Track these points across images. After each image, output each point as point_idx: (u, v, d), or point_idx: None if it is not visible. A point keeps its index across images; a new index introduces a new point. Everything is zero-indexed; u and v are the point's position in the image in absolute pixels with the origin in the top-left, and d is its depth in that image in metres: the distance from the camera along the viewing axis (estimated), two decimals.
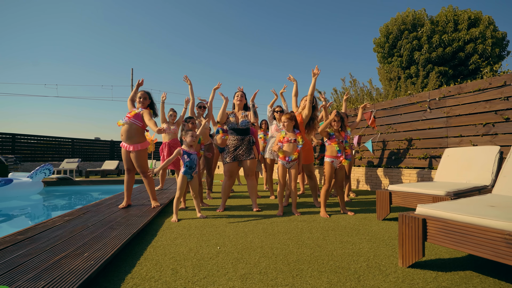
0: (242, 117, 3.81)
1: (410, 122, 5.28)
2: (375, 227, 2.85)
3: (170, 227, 2.91)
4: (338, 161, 3.45)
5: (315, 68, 3.74)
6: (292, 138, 3.49)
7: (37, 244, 2.07)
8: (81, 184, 8.42)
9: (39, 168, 6.58)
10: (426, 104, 5.00)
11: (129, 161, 3.65)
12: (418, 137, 5.11)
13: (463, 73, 14.29)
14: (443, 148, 4.69)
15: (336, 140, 3.45)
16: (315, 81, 3.78)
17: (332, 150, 3.44)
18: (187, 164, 3.29)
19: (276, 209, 3.83)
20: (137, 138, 3.58)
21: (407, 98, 5.36)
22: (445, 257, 2.00)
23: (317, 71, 3.74)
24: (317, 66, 3.75)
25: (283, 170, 3.49)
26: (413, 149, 5.20)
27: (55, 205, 5.85)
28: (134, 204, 3.90)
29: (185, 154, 3.31)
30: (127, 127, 3.54)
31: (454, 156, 3.77)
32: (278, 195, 3.54)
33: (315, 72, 3.74)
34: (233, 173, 3.81)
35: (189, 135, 3.34)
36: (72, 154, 14.01)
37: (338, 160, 3.44)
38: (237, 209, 3.90)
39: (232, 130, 3.80)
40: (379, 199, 3.15)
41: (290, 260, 1.96)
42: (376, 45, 16.62)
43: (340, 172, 3.48)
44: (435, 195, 2.64)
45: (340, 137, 3.50)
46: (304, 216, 3.39)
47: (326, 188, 3.44)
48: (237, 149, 3.74)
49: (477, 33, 13.72)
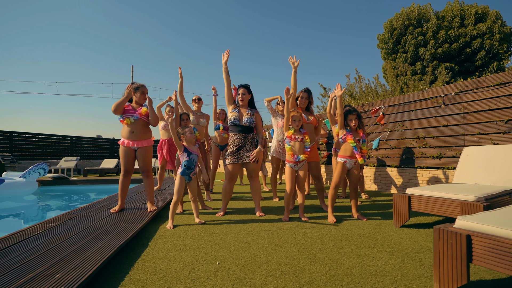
0: (248, 115, 3.43)
1: (422, 119, 4.96)
2: (393, 236, 2.54)
3: (164, 235, 2.61)
4: (353, 161, 3.15)
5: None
6: (300, 137, 3.19)
7: (6, 260, 1.77)
8: (77, 184, 8.13)
9: (33, 168, 6.29)
10: (441, 100, 4.67)
11: (131, 161, 3.42)
12: (431, 135, 4.79)
13: (469, 69, 13.94)
14: (460, 147, 4.38)
15: (352, 136, 3.15)
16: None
17: (347, 148, 3.15)
18: (185, 164, 2.99)
19: (280, 212, 3.53)
20: (147, 134, 3.48)
21: (419, 93, 5.03)
22: (487, 278, 1.69)
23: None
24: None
25: (291, 173, 3.18)
26: (425, 148, 4.88)
27: (48, 206, 5.56)
28: (128, 207, 3.60)
29: (185, 152, 3.01)
30: (137, 123, 3.38)
31: (474, 155, 3.46)
32: (285, 199, 3.23)
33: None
34: (234, 176, 3.47)
35: (189, 132, 3.05)
36: (71, 152, 13.74)
37: (353, 160, 3.14)
38: (239, 212, 3.60)
39: (233, 127, 3.45)
40: (396, 203, 2.84)
41: (302, 280, 1.66)
42: (380, 41, 16.26)
43: (355, 173, 3.18)
44: (464, 201, 2.33)
45: (357, 135, 3.20)
46: (312, 221, 3.09)
47: (334, 192, 3.12)
48: (241, 149, 3.42)
49: (484, 28, 13.35)
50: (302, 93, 3.88)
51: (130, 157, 3.40)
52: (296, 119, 3.21)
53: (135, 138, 3.37)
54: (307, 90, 3.91)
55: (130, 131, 3.34)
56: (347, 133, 3.18)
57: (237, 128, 3.43)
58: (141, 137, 3.42)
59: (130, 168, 3.44)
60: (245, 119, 3.41)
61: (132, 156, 3.42)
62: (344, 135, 3.19)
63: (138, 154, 3.43)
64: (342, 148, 3.20)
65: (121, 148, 3.38)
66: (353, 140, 3.12)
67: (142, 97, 3.44)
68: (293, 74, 3.60)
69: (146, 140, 3.47)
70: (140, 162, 3.45)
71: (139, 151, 3.42)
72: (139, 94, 3.43)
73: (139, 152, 3.42)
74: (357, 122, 3.22)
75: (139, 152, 3.42)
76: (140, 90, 3.43)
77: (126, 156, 3.37)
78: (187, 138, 3.02)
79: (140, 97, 3.43)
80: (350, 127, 3.22)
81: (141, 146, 3.42)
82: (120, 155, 3.39)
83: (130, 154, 3.40)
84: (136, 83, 3.47)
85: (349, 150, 3.14)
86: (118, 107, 3.28)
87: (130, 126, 3.34)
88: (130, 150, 3.38)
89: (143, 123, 3.43)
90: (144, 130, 3.45)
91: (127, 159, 3.38)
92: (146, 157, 3.47)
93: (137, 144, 3.39)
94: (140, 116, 3.39)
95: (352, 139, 3.13)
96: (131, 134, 3.35)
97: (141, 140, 3.42)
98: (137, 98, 3.44)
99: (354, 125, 3.20)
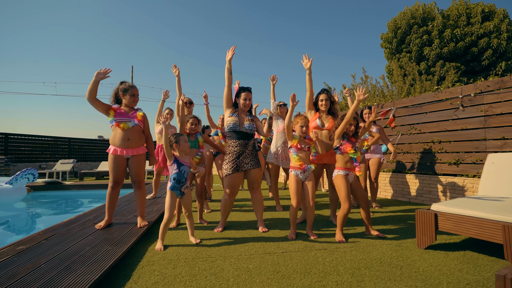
0: (249, 121, 3.08)
1: (437, 121, 4.59)
2: (420, 262, 2.17)
3: (152, 260, 2.24)
4: (353, 174, 2.79)
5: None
6: (306, 146, 2.83)
7: None
8: (71, 189, 7.77)
9: (20, 173, 5.93)
10: (458, 101, 4.30)
11: (123, 171, 3.06)
12: (448, 139, 4.42)
13: (475, 69, 13.57)
14: (481, 152, 4.00)
15: (351, 145, 2.78)
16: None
17: (346, 160, 2.77)
18: (174, 177, 2.62)
19: (286, 227, 3.16)
20: (141, 141, 3.14)
21: (434, 94, 4.67)
22: None
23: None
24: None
25: (297, 184, 2.81)
26: (441, 153, 4.51)
27: (37, 215, 5.19)
28: (116, 221, 3.24)
29: (175, 163, 2.64)
30: (133, 129, 3.04)
31: (501, 163, 3.09)
32: (291, 214, 2.86)
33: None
34: (235, 188, 3.08)
35: (183, 140, 2.68)
36: (69, 154, 13.38)
37: (353, 173, 2.79)
38: (239, 227, 3.23)
39: (232, 133, 3.08)
40: (420, 222, 2.47)
41: None
42: (383, 41, 15.89)
43: (359, 187, 2.81)
44: (508, 224, 1.96)
45: (352, 143, 2.84)
46: (322, 240, 2.72)
47: (345, 213, 2.70)
48: (241, 156, 3.05)
49: (491, 26, 12.97)
50: (320, 95, 3.41)
51: (122, 166, 3.04)
52: (304, 124, 2.84)
53: (130, 145, 3.02)
54: (325, 90, 3.44)
55: (125, 138, 2.98)
56: (345, 142, 2.81)
57: (236, 135, 3.06)
58: (136, 144, 3.07)
59: (121, 179, 3.08)
60: (246, 125, 3.06)
61: (123, 165, 3.05)
62: (341, 145, 2.82)
63: (131, 163, 3.07)
64: (340, 159, 2.82)
65: (111, 157, 3.01)
66: (353, 150, 2.76)
67: (132, 100, 3.07)
68: (307, 76, 3.31)
69: (141, 148, 3.14)
70: (133, 172, 3.08)
71: (133, 160, 3.07)
72: (128, 97, 3.06)
73: (133, 161, 3.07)
74: (355, 128, 2.87)
75: (132, 161, 3.07)
76: (129, 92, 3.06)
77: (117, 166, 3.00)
78: (181, 148, 2.66)
79: (130, 99, 3.07)
80: (347, 134, 2.86)
81: (135, 154, 3.06)
82: (110, 164, 3.02)
83: (122, 163, 3.03)
84: (125, 83, 3.10)
85: (350, 161, 2.79)
86: (90, 94, 2.83)
87: (125, 132, 2.98)
88: (122, 159, 3.02)
89: (138, 129, 3.09)
90: (140, 137, 3.12)
91: (118, 169, 3.02)
92: (140, 166, 3.12)
93: (131, 152, 3.04)
94: (138, 122, 3.05)
95: (352, 149, 2.77)
96: (126, 141, 2.99)
97: (136, 148, 3.08)
98: (127, 101, 3.08)
99: (352, 131, 2.85)
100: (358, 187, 2.81)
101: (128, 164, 3.08)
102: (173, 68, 3.50)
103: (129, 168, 3.10)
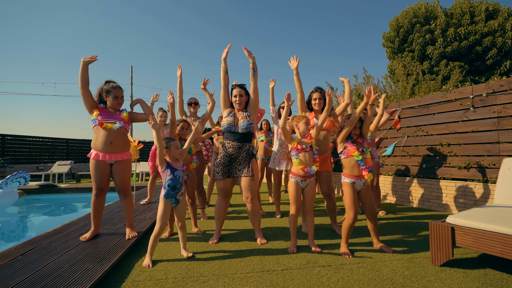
0: (244, 118, 2.85)
1: (446, 123, 4.35)
2: (437, 283, 1.93)
3: (136, 280, 2.01)
4: (363, 181, 2.54)
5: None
6: (307, 146, 2.59)
7: None
8: (66, 192, 7.55)
9: (11, 177, 5.72)
10: (469, 102, 4.07)
11: (107, 178, 2.83)
12: (458, 141, 4.18)
13: (480, 69, 13.31)
14: (494, 156, 3.77)
15: (356, 147, 2.55)
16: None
17: (353, 164, 2.52)
18: (169, 184, 2.40)
19: (286, 237, 2.93)
20: (126, 145, 2.90)
21: (442, 94, 4.43)
22: None
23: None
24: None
25: (296, 190, 2.58)
26: (451, 157, 4.27)
27: (28, 221, 4.97)
28: (104, 231, 3.01)
29: (168, 169, 2.42)
30: (118, 132, 2.79)
31: None
32: (291, 223, 2.62)
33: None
34: (228, 192, 2.93)
35: (174, 146, 2.46)
36: (67, 155, 13.18)
37: (362, 180, 2.53)
38: (236, 238, 3.00)
39: (228, 134, 2.86)
40: (435, 236, 2.23)
41: None
42: (385, 40, 15.65)
43: (368, 195, 2.56)
44: None
45: (359, 144, 2.60)
46: (326, 253, 2.48)
47: (350, 223, 2.46)
48: (232, 161, 2.85)
49: (496, 25, 12.72)
50: (313, 93, 3.18)
51: (105, 173, 2.80)
52: (307, 122, 2.62)
53: (114, 150, 2.78)
54: (318, 89, 3.22)
55: (108, 141, 2.74)
56: (350, 144, 2.57)
57: (232, 136, 2.84)
58: (121, 149, 2.83)
59: (105, 186, 2.85)
60: (241, 124, 2.82)
61: (107, 171, 2.82)
62: (345, 148, 2.57)
63: (115, 169, 2.82)
64: (346, 164, 2.57)
65: (93, 162, 2.77)
66: (358, 152, 2.51)
67: (115, 102, 2.83)
68: (295, 77, 3.10)
69: (126, 153, 2.89)
70: (118, 179, 2.84)
71: (117, 166, 2.82)
72: (111, 99, 2.82)
73: (117, 167, 2.82)
74: (360, 131, 2.65)
75: (116, 167, 2.82)
76: (112, 93, 2.81)
77: (99, 172, 2.77)
78: (171, 154, 2.43)
79: (113, 102, 2.82)
80: (351, 136, 2.62)
81: (120, 159, 2.83)
82: (92, 171, 2.79)
83: (105, 169, 2.80)
84: (109, 84, 2.86)
85: (356, 165, 2.52)
86: (82, 79, 2.72)
87: (108, 135, 2.74)
88: (105, 164, 2.79)
89: (123, 133, 2.85)
90: (124, 140, 2.87)
91: (102, 175, 2.78)
92: (125, 172, 2.87)
93: (115, 157, 2.80)
94: (124, 124, 2.82)
95: (357, 151, 2.52)
96: (109, 145, 2.75)
97: (120, 153, 2.83)
98: (110, 103, 2.85)
99: (357, 135, 2.62)
100: (367, 195, 2.56)
101: (112, 171, 2.84)
102: (178, 70, 3.41)
103: (112, 175, 2.85)
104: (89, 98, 2.77)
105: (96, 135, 2.78)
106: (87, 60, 2.70)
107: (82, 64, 2.69)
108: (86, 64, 2.71)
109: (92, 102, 2.80)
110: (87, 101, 2.77)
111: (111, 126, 2.73)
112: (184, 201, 2.55)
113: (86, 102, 2.78)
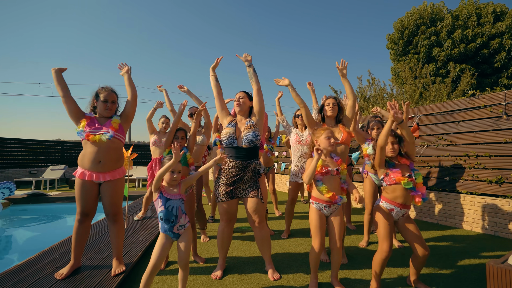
0: (248, 128, 2.38)
1: (473, 132, 3.93)
2: None
3: None
4: (403, 211, 2.07)
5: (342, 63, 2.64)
6: (334, 168, 2.15)
7: None
8: (55, 202, 7.08)
9: None
10: (501, 109, 3.65)
11: (94, 200, 2.37)
12: (487, 153, 3.75)
13: (487, 72, 12.97)
14: None
15: (400, 171, 2.09)
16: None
17: (397, 193, 2.06)
18: (161, 217, 1.95)
19: (302, 265, 2.48)
20: (119, 162, 2.42)
21: (468, 100, 4.01)
22: None
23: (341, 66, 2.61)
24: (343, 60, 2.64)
25: (320, 220, 2.13)
26: (478, 169, 3.85)
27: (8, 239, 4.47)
28: (87, 263, 2.54)
29: (160, 199, 1.97)
30: (107, 146, 2.31)
31: None
32: (312, 259, 2.17)
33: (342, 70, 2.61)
34: (233, 215, 2.48)
35: (166, 158, 2.03)
36: (62, 159, 12.63)
37: (402, 210, 2.06)
38: (243, 268, 2.55)
39: (229, 149, 2.41)
40: (494, 281, 1.79)
41: None
42: (389, 42, 15.30)
43: (411, 227, 2.09)
44: None
45: (404, 167, 2.12)
46: None
47: (384, 257, 2.01)
48: (236, 182, 2.39)
49: (503, 27, 12.38)
50: (328, 99, 2.72)
51: (92, 195, 2.35)
52: (328, 135, 2.17)
53: (103, 169, 2.31)
54: (333, 97, 2.79)
55: (96, 159, 2.27)
56: (392, 170, 2.10)
57: (234, 152, 2.38)
58: (112, 166, 2.36)
59: (91, 210, 2.39)
60: (244, 137, 2.35)
61: (95, 193, 2.36)
62: (386, 174, 2.11)
63: (104, 190, 2.36)
64: (389, 190, 2.10)
65: (78, 181, 2.32)
66: (406, 179, 2.05)
67: (104, 107, 2.38)
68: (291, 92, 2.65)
69: (117, 171, 2.42)
70: (106, 201, 2.38)
71: (106, 186, 2.36)
72: (100, 103, 2.38)
73: (106, 187, 2.36)
74: (398, 147, 2.16)
75: (105, 187, 2.36)
76: (101, 97, 2.37)
77: (85, 194, 2.31)
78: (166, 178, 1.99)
79: (102, 106, 2.38)
80: (388, 157, 2.15)
81: (111, 179, 2.36)
82: (76, 191, 2.34)
83: (92, 190, 2.34)
84: (101, 88, 2.43)
85: (401, 194, 2.05)
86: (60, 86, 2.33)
87: (98, 151, 2.27)
88: (92, 185, 2.33)
89: (115, 147, 2.36)
90: (117, 155, 2.40)
91: (87, 197, 2.32)
92: (116, 194, 2.40)
93: (104, 177, 2.33)
94: (114, 133, 2.33)
95: (403, 177, 2.05)
96: (97, 164, 2.28)
97: (111, 171, 2.36)
98: (99, 109, 2.41)
99: (396, 150, 2.14)
100: (409, 226, 2.08)
101: (100, 191, 2.38)
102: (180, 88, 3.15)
103: (101, 196, 2.39)
104: (73, 107, 2.34)
105: (84, 150, 2.33)
106: (57, 68, 2.34)
107: (53, 73, 2.32)
108: (59, 71, 2.33)
109: (77, 110, 2.36)
110: (71, 110, 2.34)
111: (98, 138, 2.27)
112: (188, 235, 2.04)
113: (71, 112, 2.34)
